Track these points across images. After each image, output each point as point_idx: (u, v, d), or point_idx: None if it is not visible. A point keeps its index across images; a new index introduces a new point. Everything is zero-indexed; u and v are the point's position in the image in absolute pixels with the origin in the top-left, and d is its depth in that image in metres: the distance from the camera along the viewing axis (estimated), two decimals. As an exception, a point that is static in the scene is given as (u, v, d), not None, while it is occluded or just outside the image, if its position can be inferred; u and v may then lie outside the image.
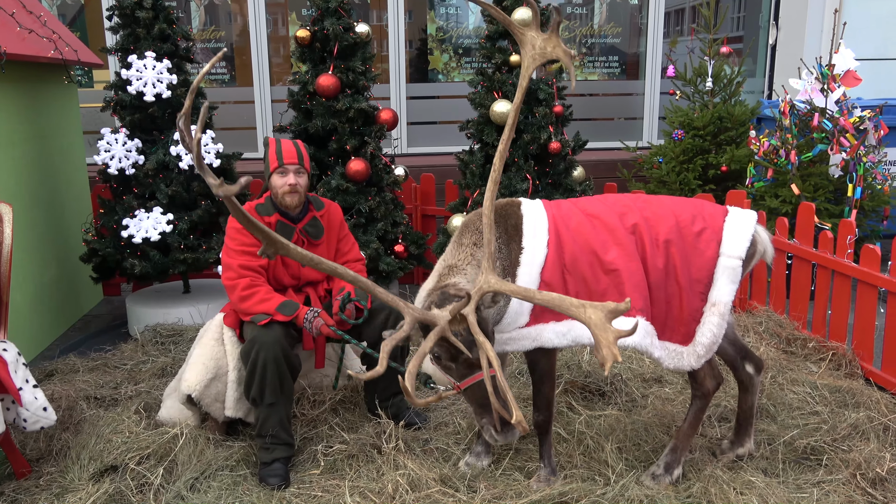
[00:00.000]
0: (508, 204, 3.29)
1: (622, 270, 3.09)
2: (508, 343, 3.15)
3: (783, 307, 5.31)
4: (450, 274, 3.10)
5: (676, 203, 3.32)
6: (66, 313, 5.81)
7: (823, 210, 5.74)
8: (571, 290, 3.09)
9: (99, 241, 5.40)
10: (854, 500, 3.21)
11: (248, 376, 3.48)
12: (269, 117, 8.35)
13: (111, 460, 3.47)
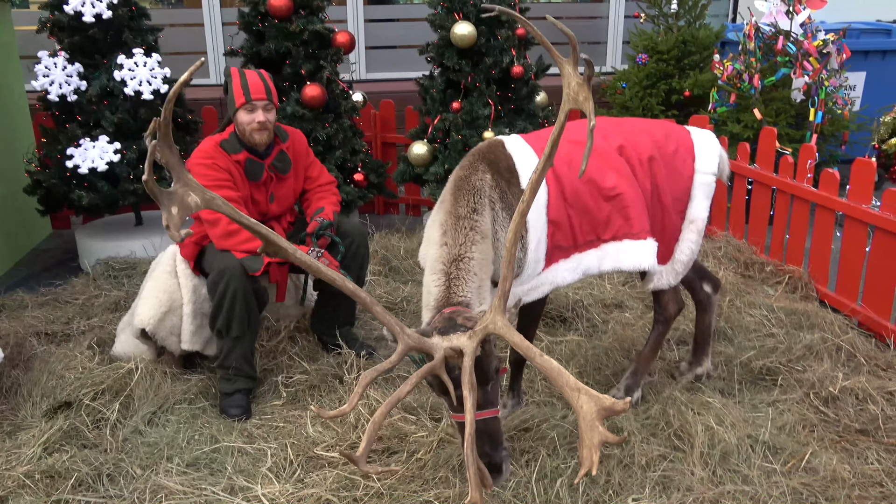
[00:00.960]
0: (491, 146, 3.01)
1: (625, 194, 3.00)
2: (529, 294, 2.99)
3: (742, 232, 5.36)
4: (457, 271, 2.69)
5: (647, 123, 3.31)
6: (12, 248, 5.60)
7: (784, 135, 5.74)
8: (576, 224, 2.98)
9: (43, 173, 5.16)
10: (807, 418, 3.30)
11: (215, 308, 3.38)
12: (220, 41, 8.00)
13: (65, 396, 3.39)
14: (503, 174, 2.91)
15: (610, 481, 2.88)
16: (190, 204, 2.41)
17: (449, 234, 2.75)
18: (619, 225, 3.03)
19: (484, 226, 2.75)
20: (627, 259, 3.06)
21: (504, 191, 2.88)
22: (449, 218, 2.79)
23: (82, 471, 2.94)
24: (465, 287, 2.66)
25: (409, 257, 5.20)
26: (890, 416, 3.26)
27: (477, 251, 2.71)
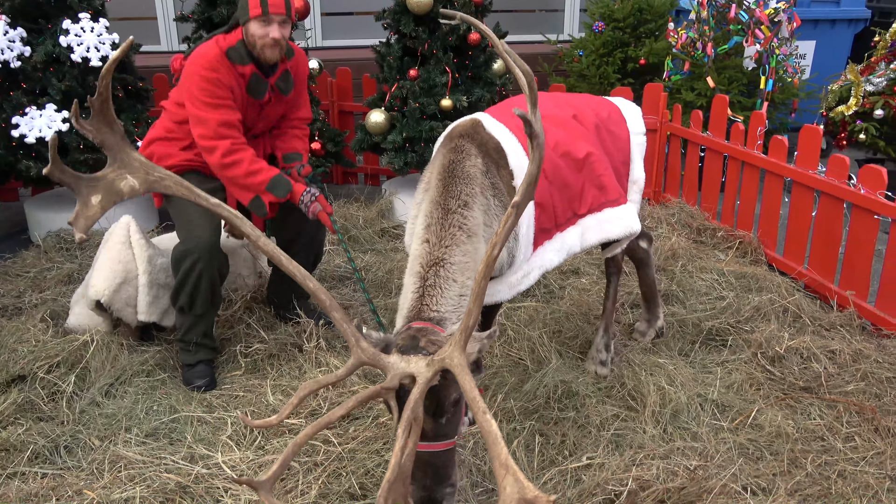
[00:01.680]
0: (475, 126, 2.76)
1: (596, 160, 2.96)
2: (522, 281, 2.80)
3: (695, 199, 5.47)
4: (435, 278, 2.39)
5: (580, 97, 3.36)
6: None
7: (736, 103, 5.84)
8: (557, 202, 2.85)
9: (-11, 142, 5.00)
10: (754, 376, 3.42)
11: (179, 284, 3.30)
12: (171, 5, 7.77)
13: (18, 370, 3.33)
14: (492, 156, 2.70)
15: (565, 441, 2.96)
16: (122, 189, 2.14)
17: (433, 230, 2.47)
18: (594, 196, 2.98)
19: (473, 222, 2.50)
20: (614, 228, 3.03)
21: (495, 175, 2.67)
22: (435, 210, 2.51)
23: (38, 443, 2.91)
24: (440, 299, 2.36)
25: (367, 227, 5.20)
26: (832, 374, 3.40)
27: (460, 254, 2.44)
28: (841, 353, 3.51)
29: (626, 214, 3.09)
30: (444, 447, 2.16)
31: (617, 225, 3.04)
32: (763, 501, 2.64)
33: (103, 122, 2.11)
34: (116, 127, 2.15)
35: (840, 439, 3.00)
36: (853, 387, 3.30)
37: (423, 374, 2.06)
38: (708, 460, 2.84)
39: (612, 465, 2.75)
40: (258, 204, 3.26)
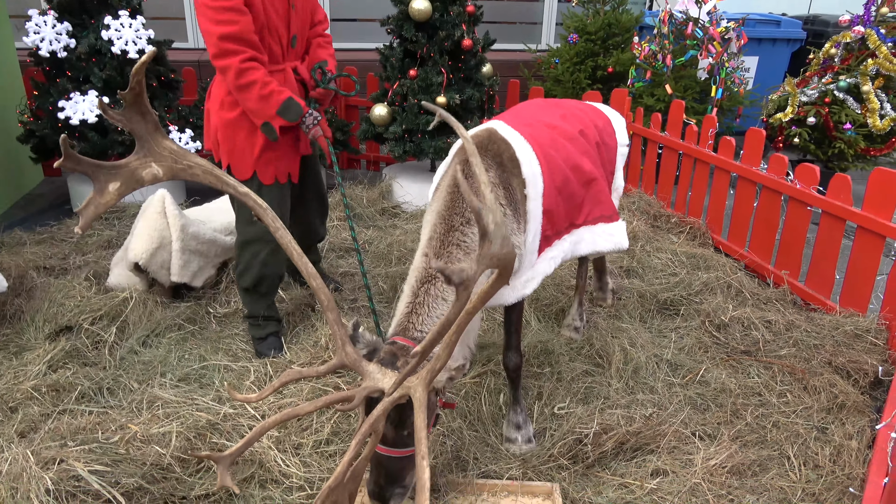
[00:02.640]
0: (490, 135, 2.49)
1: (598, 179, 2.76)
2: (526, 286, 2.52)
3: (652, 190, 5.49)
4: (425, 296, 2.17)
5: (581, 106, 3.13)
6: (7, 192, 5.33)
7: (690, 108, 5.84)
8: (563, 211, 2.62)
9: (36, 123, 4.89)
10: (703, 341, 3.46)
11: (245, 268, 3.13)
12: (198, 8, 7.60)
13: (65, 322, 3.30)
14: (506, 166, 2.43)
15: (540, 394, 2.98)
16: (143, 177, 1.96)
17: (433, 245, 2.26)
18: (590, 209, 2.76)
19: (474, 239, 2.26)
20: (605, 242, 2.82)
21: (508, 185, 2.42)
22: (439, 224, 2.28)
23: (84, 385, 2.89)
24: (426, 318, 2.14)
25: (370, 206, 5.17)
26: (769, 341, 3.44)
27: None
28: (776, 323, 3.56)
29: (618, 231, 2.89)
30: (399, 454, 2.05)
31: (608, 240, 2.84)
32: (709, 445, 2.68)
33: (135, 112, 1.95)
34: (149, 117, 1.99)
35: (775, 395, 3.05)
36: (786, 351, 3.35)
37: (391, 398, 1.89)
38: (662, 409, 2.88)
39: (579, 412, 2.78)
40: (269, 129, 2.91)
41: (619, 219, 2.90)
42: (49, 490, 2.16)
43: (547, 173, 2.49)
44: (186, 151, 2.04)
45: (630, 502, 2.37)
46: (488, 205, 1.57)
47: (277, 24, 2.93)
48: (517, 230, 2.40)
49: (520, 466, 2.52)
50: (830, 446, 2.67)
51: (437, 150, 5.17)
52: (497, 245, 1.58)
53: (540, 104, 2.98)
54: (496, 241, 1.58)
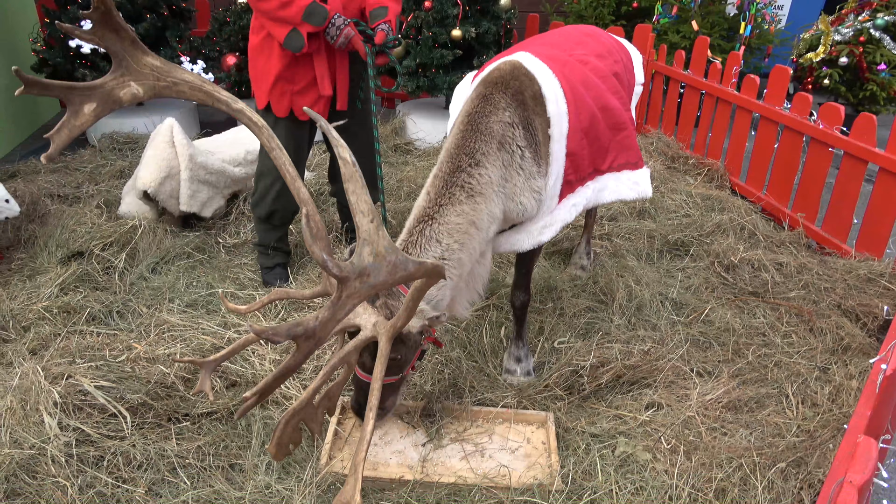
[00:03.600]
0: (514, 72, 2.30)
1: (628, 124, 2.60)
2: (543, 232, 2.39)
3: (672, 131, 5.36)
4: (419, 235, 2.11)
5: (611, 40, 2.94)
6: (24, 122, 5.37)
7: (717, 46, 5.64)
8: (587, 155, 2.46)
9: (48, 51, 4.89)
10: (710, 281, 3.43)
11: (259, 198, 3.14)
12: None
13: (77, 247, 3.36)
14: (528, 104, 2.28)
15: (542, 328, 2.99)
16: (121, 97, 1.84)
17: (436, 184, 2.16)
18: (616, 154, 2.60)
19: (480, 181, 2.15)
20: (629, 191, 2.66)
21: (529, 124, 2.27)
22: (446, 163, 2.17)
23: (94, 307, 2.96)
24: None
25: (383, 142, 5.12)
26: (778, 282, 3.40)
27: (453, 214, 2.11)
28: (787, 265, 3.50)
29: (643, 179, 2.71)
30: (367, 378, 2.03)
31: (633, 189, 2.67)
32: (707, 381, 2.69)
33: (107, 30, 1.81)
34: (124, 33, 1.84)
35: (779, 336, 3.03)
36: (795, 294, 3.31)
37: (364, 334, 1.93)
38: (661, 345, 2.88)
39: (578, 346, 2.79)
40: (295, 37, 2.74)
41: (643, 166, 2.72)
42: (56, 403, 2.24)
43: (574, 113, 2.35)
44: (174, 67, 1.93)
45: (623, 432, 2.40)
46: (363, 237, 1.59)
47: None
48: (536, 173, 2.28)
49: (515, 396, 2.56)
50: (830, 386, 2.66)
51: (452, 86, 5.08)
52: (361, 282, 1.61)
53: (574, 35, 2.80)
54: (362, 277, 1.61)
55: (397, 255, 1.62)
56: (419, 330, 2.02)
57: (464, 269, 2.17)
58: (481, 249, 2.23)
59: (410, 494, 2.13)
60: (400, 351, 2.04)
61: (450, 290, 2.15)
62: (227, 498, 2.07)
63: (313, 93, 2.98)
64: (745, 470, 2.22)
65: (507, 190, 2.23)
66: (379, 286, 1.62)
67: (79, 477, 2.09)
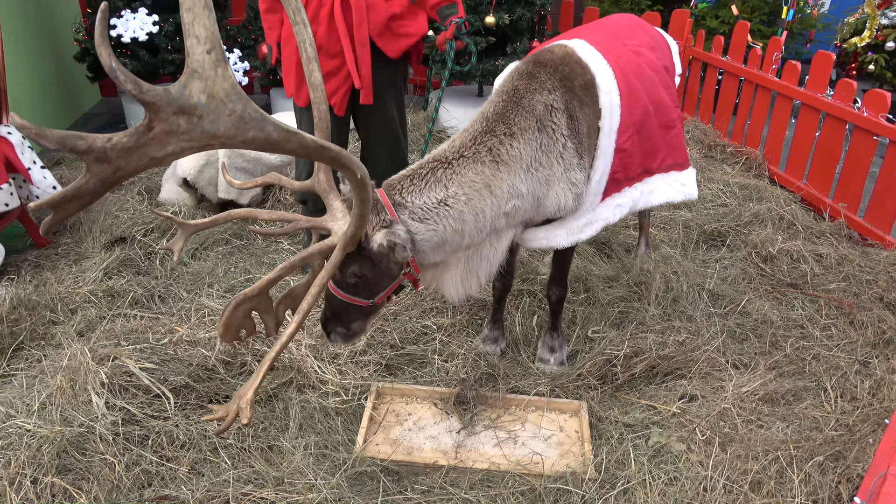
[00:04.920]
0: (566, 56, 2.24)
1: (678, 122, 2.52)
2: (583, 230, 2.31)
3: (709, 119, 5.27)
4: (431, 174, 2.04)
5: (656, 31, 2.88)
6: (66, 110, 5.52)
7: (757, 31, 5.52)
8: (638, 153, 2.36)
9: (90, 41, 5.00)
10: (747, 272, 3.39)
11: (297, 176, 3.18)
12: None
13: (120, 233, 3.46)
14: (577, 93, 2.19)
15: (575, 318, 2.99)
16: None
17: (465, 136, 2.10)
18: (665, 154, 2.50)
19: (510, 153, 2.07)
20: (676, 193, 2.56)
21: (574, 115, 2.17)
22: (480, 122, 2.11)
23: (137, 292, 3.05)
24: (415, 191, 2.02)
25: (415, 129, 5.14)
26: (818, 274, 3.34)
27: (472, 171, 2.04)
28: (827, 256, 3.44)
29: (690, 180, 2.61)
30: (341, 296, 2.03)
31: (680, 191, 2.57)
32: (743, 373, 2.67)
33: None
34: None
35: (818, 328, 2.98)
36: (835, 286, 3.25)
37: (330, 239, 1.94)
38: (697, 336, 2.86)
39: (612, 335, 2.79)
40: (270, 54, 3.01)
41: (690, 166, 2.61)
42: (104, 383, 2.33)
43: (626, 106, 2.26)
44: None
45: (656, 423, 2.40)
46: (193, 67, 1.24)
47: None
48: (577, 165, 2.17)
49: (548, 384, 2.57)
50: (871, 380, 2.61)
51: (485, 74, 5.07)
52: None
53: (625, 23, 2.72)
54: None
55: (245, 106, 1.31)
56: (382, 250, 1.92)
57: (464, 226, 2.04)
58: (495, 224, 2.10)
59: (444, 479, 2.16)
60: (364, 268, 1.98)
61: (438, 239, 2.03)
62: (266, 477, 2.13)
63: (333, 83, 3.01)
64: (781, 463, 2.20)
65: (539, 174, 2.14)
66: (221, 137, 1.33)
67: (125, 455, 2.17)
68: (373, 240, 1.92)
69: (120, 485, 2.09)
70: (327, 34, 2.89)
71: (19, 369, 2.58)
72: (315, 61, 1.94)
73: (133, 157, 1.34)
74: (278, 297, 2.08)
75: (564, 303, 2.68)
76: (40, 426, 2.19)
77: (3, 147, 3.17)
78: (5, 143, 3.19)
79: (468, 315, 2.98)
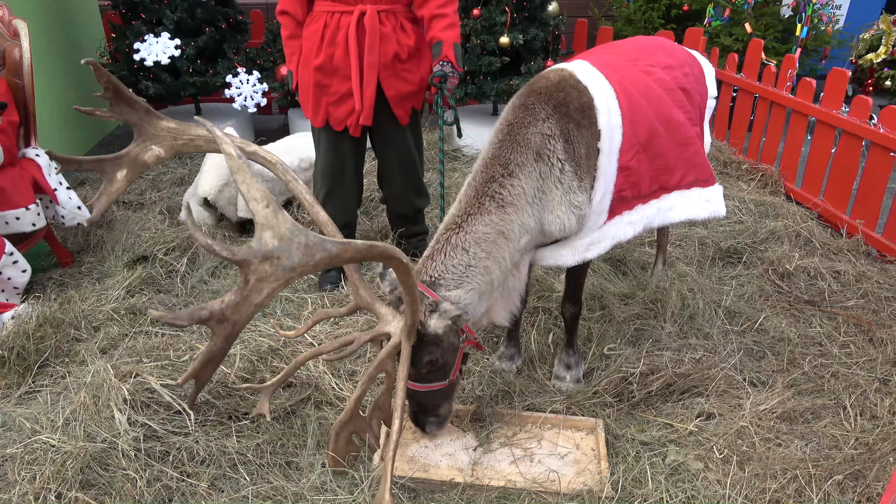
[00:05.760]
0: (561, 83, 2.26)
1: (696, 140, 2.50)
2: (590, 249, 2.34)
3: (724, 136, 5.27)
4: (445, 243, 2.14)
5: (680, 50, 2.84)
6: (91, 132, 5.65)
7: (771, 49, 5.53)
8: (645, 171, 2.36)
9: (114, 65, 5.14)
10: (764, 289, 3.37)
11: (316, 194, 3.24)
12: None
13: (142, 251, 3.53)
14: (573, 117, 2.21)
15: (591, 335, 3.00)
16: (147, 160, 2.12)
17: (468, 193, 2.17)
18: (684, 172, 2.47)
19: (512, 192, 2.14)
20: (699, 209, 2.52)
21: (570, 139, 2.20)
22: (479, 173, 2.18)
23: (158, 310, 3.10)
24: (439, 265, 2.11)
25: (430, 149, 5.19)
26: (835, 291, 3.33)
27: (482, 224, 2.12)
28: (845, 273, 3.42)
29: (715, 197, 2.56)
30: (423, 388, 2.16)
31: (704, 208, 2.53)
32: (761, 391, 2.65)
33: (123, 105, 2.08)
34: (137, 105, 2.10)
35: (836, 346, 2.96)
36: (853, 303, 3.23)
37: (393, 340, 2.03)
38: (714, 353, 2.85)
39: (627, 353, 2.79)
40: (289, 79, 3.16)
41: (715, 182, 2.57)
42: (126, 399, 2.37)
43: (629, 126, 2.27)
44: (187, 125, 2.14)
45: (673, 441, 2.40)
46: (261, 222, 1.57)
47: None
48: (577, 188, 2.22)
49: (564, 401, 2.58)
50: (891, 398, 2.59)
51: (500, 93, 5.12)
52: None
53: (646, 45, 2.73)
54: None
55: (307, 236, 1.56)
56: (444, 330, 2.06)
57: (492, 276, 2.16)
58: (513, 260, 2.21)
59: (461, 497, 2.17)
60: (434, 353, 2.10)
61: (478, 295, 2.16)
62: (285, 494, 2.16)
63: (348, 105, 3.06)
64: (800, 481, 2.18)
65: (543, 202, 2.20)
66: (299, 268, 1.58)
67: (147, 470, 2.21)
68: (429, 325, 2.05)
69: (141, 500, 2.12)
70: (343, 57, 2.97)
71: (44, 385, 2.63)
72: (317, 205, 2.13)
73: (242, 309, 1.60)
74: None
75: (579, 320, 2.69)
76: (64, 442, 2.23)
77: (32, 169, 3.26)
78: (33, 164, 3.28)
79: (484, 333, 2.99)
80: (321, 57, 2.98)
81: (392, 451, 1.90)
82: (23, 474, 2.13)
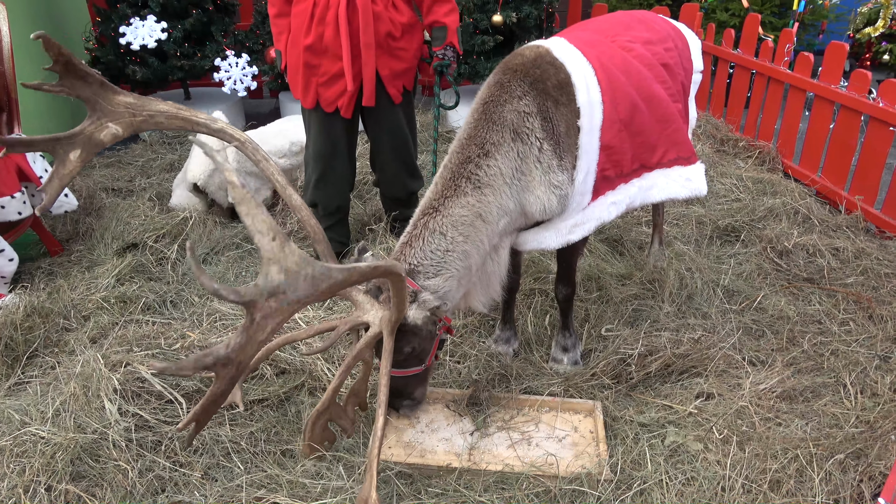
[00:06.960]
0: (537, 57, 2.20)
1: (678, 117, 2.44)
2: (573, 231, 2.28)
3: (721, 113, 5.21)
4: (423, 228, 2.10)
5: (664, 23, 2.78)
6: (77, 118, 5.55)
7: (768, 23, 5.45)
8: (628, 149, 2.30)
9: (100, 49, 5.04)
10: (763, 267, 3.34)
11: (305, 186, 3.21)
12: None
13: (131, 239, 3.47)
14: (550, 94, 2.15)
15: (588, 316, 2.96)
16: (102, 139, 1.95)
17: (444, 175, 2.13)
18: (665, 149, 2.42)
19: (489, 172, 2.10)
20: (680, 188, 2.47)
21: (548, 116, 2.14)
22: (455, 153, 2.13)
23: (149, 297, 3.05)
24: (418, 252, 2.08)
25: (423, 130, 5.12)
26: (834, 268, 3.29)
27: (458, 206, 2.07)
28: (844, 250, 3.38)
29: (696, 175, 2.50)
30: (400, 374, 2.15)
31: (685, 186, 2.47)
32: (760, 370, 2.62)
33: (74, 78, 1.90)
34: (91, 78, 1.92)
35: (836, 323, 2.93)
36: (853, 280, 3.20)
37: (373, 330, 1.98)
38: (713, 334, 2.82)
39: (625, 334, 2.75)
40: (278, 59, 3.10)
41: (697, 160, 2.52)
42: (116, 389, 2.33)
43: (609, 102, 2.21)
44: (147, 100, 1.97)
45: (672, 422, 2.37)
46: (268, 256, 1.47)
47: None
48: (557, 167, 2.15)
49: (561, 384, 2.54)
50: (892, 375, 2.56)
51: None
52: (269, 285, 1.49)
53: (625, 20, 2.66)
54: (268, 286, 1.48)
55: (313, 267, 1.52)
56: (425, 320, 2.04)
57: (470, 260, 2.12)
58: (492, 243, 2.17)
59: (458, 482, 2.15)
60: (413, 342, 2.09)
61: (457, 282, 2.12)
62: (280, 482, 2.12)
63: (339, 85, 3.01)
64: (801, 461, 2.16)
65: (522, 183, 2.14)
66: (304, 300, 1.55)
67: (138, 461, 2.17)
68: (409, 315, 2.01)
69: (133, 491, 2.09)
70: (333, 37, 2.90)
71: (34, 376, 2.59)
72: (290, 188, 2.06)
73: (247, 349, 1.55)
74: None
75: (574, 301, 2.65)
76: (54, 433, 2.19)
77: (16, 156, 3.19)
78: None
79: (479, 316, 2.96)
80: (311, 36, 2.91)
81: (377, 448, 1.86)
82: (12, 467, 2.09)
